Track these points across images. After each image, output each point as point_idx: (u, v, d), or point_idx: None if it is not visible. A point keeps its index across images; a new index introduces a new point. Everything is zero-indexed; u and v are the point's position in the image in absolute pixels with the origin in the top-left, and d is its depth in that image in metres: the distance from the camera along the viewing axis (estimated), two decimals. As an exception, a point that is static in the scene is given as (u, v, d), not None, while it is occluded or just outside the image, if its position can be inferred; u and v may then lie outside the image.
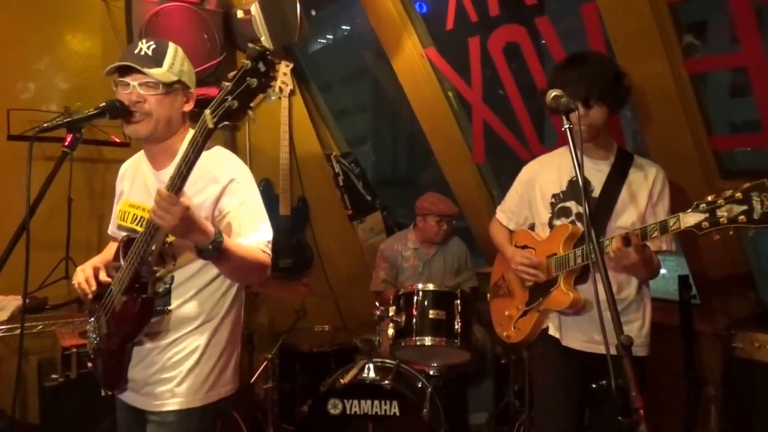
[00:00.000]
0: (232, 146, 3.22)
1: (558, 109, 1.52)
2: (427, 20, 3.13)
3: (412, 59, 3.15)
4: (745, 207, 1.41)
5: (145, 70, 1.44)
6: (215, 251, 1.33)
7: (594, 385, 1.36)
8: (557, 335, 1.95)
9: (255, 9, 3.00)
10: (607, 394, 1.14)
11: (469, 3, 2.73)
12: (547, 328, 1.98)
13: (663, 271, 2.06)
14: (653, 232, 1.61)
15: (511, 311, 2.08)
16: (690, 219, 1.51)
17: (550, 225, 1.97)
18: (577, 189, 1.89)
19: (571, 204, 1.93)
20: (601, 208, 1.86)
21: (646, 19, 2.10)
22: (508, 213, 2.17)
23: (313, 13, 3.53)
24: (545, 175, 2.02)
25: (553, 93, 1.56)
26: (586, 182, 1.88)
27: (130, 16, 2.74)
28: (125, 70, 1.47)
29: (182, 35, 2.78)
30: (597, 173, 1.90)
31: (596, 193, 1.89)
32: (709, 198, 1.48)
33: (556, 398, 1.95)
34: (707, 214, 1.47)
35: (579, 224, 1.88)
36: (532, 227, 2.10)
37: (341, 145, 4.02)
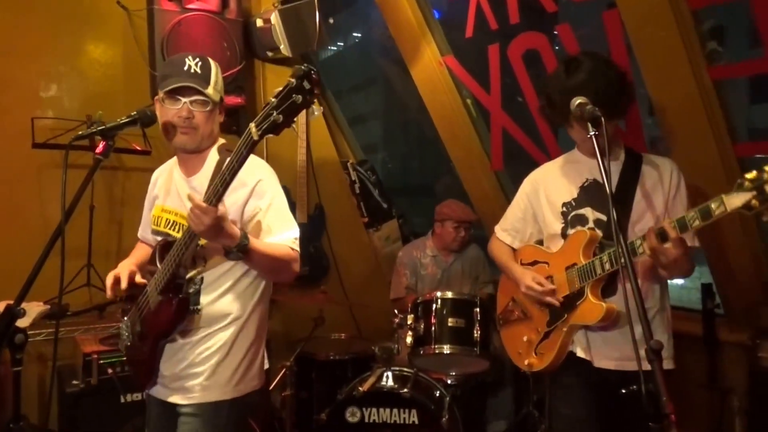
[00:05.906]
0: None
1: (583, 117, 1.51)
2: (445, 28, 3.14)
3: (431, 67, 3.15)
4: None
5: (202, 89, 1.53)
6: (240, 253, 1.45)
7: (623, 390, 1.31)
8: (587, 356, 1.76)
9: (275, 18, 3.03)
10: (634, 402, 1.10)
11: (489, 11, 2.74)
12: (573, 351, 1.79)
13: (681, 281, 1.97)
14: (693, 221, 1.43)
15: (530, 335, 1.88)
16: (735, 200, 1.34)
17: (564, 235, 1.83)
18: (591, 195, 1.80)
19: (586, 210, 1.79)
20: (619, 212, 1.72)
21: (668, 25, 2.08)
22: (510, 231, 2.00)
23: (331, 21, 3.55)
24: (551, 184, 1.89)
25: (577, 101, 1.55)
26: (599, 185, 1.79)
27: (153, 26, 2.78)
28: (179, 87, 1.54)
29: (203, 44, 2.81)
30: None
31: None
32: (749, 176, 1.32)
33: None
34: (754, 192, 1.30)
35: (597, 230, 1.75)
36: (537, 243, 1.95)
37: (357, 153, 4.04)
